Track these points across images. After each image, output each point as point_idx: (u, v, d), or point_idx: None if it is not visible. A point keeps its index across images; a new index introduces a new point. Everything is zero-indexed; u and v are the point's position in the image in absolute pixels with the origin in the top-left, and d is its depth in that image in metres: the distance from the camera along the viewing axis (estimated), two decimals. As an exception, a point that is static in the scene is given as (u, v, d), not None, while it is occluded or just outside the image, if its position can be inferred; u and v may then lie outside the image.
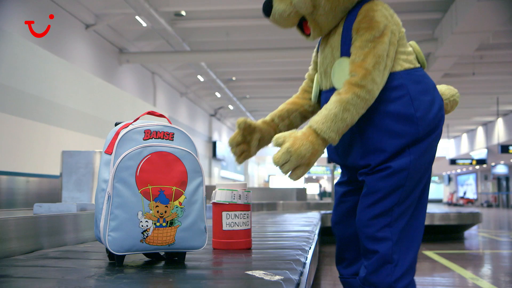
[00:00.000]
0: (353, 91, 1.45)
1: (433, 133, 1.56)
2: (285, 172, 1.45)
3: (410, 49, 1.59)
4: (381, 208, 1.51)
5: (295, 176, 1.47)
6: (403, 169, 1.51)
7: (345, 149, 1.61)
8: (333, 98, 1.47)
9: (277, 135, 1.47)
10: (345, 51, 1.53)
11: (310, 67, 1.81)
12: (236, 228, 1.64)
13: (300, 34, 1.66)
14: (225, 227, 1.65)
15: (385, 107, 1.52)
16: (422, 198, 1.59)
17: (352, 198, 1.68)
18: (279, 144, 1.45)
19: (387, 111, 1.52)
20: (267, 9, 1.58)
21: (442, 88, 1.72)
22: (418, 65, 1.59)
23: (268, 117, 1.77)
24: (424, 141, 1.54)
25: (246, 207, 1.69)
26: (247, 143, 1.74)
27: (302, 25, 1.62)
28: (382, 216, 1.51)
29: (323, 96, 1.64)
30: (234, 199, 1.70)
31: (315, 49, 1.78)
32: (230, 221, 1.64)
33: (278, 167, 1.44)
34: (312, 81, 1.78)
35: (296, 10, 1.55)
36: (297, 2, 1.53)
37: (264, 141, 1.76)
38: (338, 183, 1.76)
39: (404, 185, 1.51)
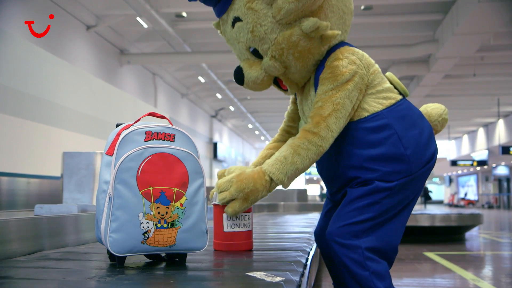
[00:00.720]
0: (305, 136, 1.45)
1: (426, 166, 1.54)
2: (221, 200, 1.50)
3: (387, 84, 1.56)
4: (353, 219, 1.48)
5: (230, 209, 1.50)
6: (385, 189, 1.49)
7: (336, 189, 1.62)
8: (287, 142, 1.49)
9: (232, 166, 1.54)
10: None
11: (289, 107, 1.80)
12: (237, 229, 1.64)
13: (277, 90, 1.65)
14: (226, 229, 1.65)
15: (373, 151, 1.49)
16: (402, 214, 1.55)
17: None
18: (229, 173, 1.52)
19: (376, 154, 1.49)
20: (239, 78, 1.57)
21: (428, 108, 1.68)
22: (399, 97, 1.56)
23: (251, 165, 1.74)
24: (416, 173, 1.52)
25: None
26: None
27: (278, 81, 1.61)
28: (353, 225, 1.48)
29: None
30: None
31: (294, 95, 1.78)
32: (231, 223, 1.64)
33: (218, 193, 1.50)
34: (292, 120, 1.78)
35: (268, 74, 1.55)
36: (267, 67, 1.52)
37: None
38: (330, 197, 1.74)
39: (380, 202, 1.49)
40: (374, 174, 1.49)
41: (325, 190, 1.85)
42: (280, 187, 1.52)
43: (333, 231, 1.50)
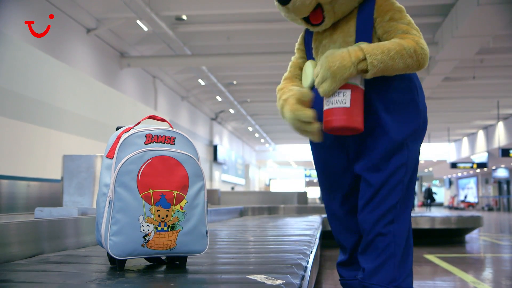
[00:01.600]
0: (413, 45, 1.48)
1: (424, 130, 1.63)
2: (317, 84, 1.50)
3: None
4: (386, 206, 1.54)
5: (321, 89, 1.49)
6: (402, 165, 1.55)
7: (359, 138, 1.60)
8: (394, 40, 1.49)
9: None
10: (362, 37, 1.55)
11: (296, 57, 1.79)
12: (331, 106, 1.55)
13: (304, 24, 1.64)
14: (324, 107, 1.59)
15: (397, 94, 1.56)
16: (409, 197, 1.63)
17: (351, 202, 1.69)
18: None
19: (399, 98, 1.56)
20: None
21: None
22: None
23: (284, 96, 1.66)
24: (419, 137, 1.61)
25: (343, 86, 1.54)
26: None
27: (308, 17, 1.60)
28: (388, 213, 1.54)
29: None
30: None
31: (301, 38, 1.77)
32: (326, 101, 1.57)
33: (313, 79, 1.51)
34: (301, 69, 1.76)
35: None
36: None
37: None
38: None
39: (403, 180, 1.56)
40: (394, 118, 1.54)
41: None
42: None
43: (370, 220, 1.54)
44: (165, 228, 1.39)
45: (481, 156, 25.80)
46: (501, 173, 29.56)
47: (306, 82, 1.68)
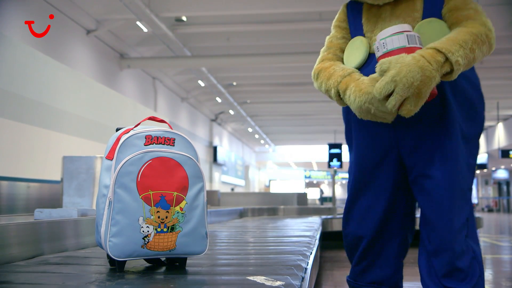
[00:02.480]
0: (484, 31, 1.36)
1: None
2: (392, 107, 1.30)
3: None
4: (464, 216, 1.46)
5: (405, 111, 1.31)
6: (472, 166, 1.51)
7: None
8: (460, 29, 1.36)
9: (382, 60, 1.31)
10: (431, 13, 1.45)
11: (337, 36, 1.62)
12: None
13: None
14: None
15: (466, 82, 1.48)
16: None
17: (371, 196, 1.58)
18: (383, 71, 1.30)
19: (467, 88, 1.49)
20: None
21: None
22: None
23: (336, 78, 1.48)
24: (478, 143, 1.58)
25: (409, 50, 1.35)
26: None
27: None
28: (465, 225, 1.46)
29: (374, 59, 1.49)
30: (410, 43, 1.37)
31: (343, 14, 1.63)
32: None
33: (380, 99, 1.31)
34: (343, 51, 1.60)
35: None
36: None
37: None
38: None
39: (471, 187, 1.52)
40: (459, 113, 1.45)
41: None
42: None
43: (449, 228, 1.41)
44: (165, 229, 1.39)
45: (480, 157, 25.78)
46: (501, 174, 29.57)
47: (354, 60, 1.53)
